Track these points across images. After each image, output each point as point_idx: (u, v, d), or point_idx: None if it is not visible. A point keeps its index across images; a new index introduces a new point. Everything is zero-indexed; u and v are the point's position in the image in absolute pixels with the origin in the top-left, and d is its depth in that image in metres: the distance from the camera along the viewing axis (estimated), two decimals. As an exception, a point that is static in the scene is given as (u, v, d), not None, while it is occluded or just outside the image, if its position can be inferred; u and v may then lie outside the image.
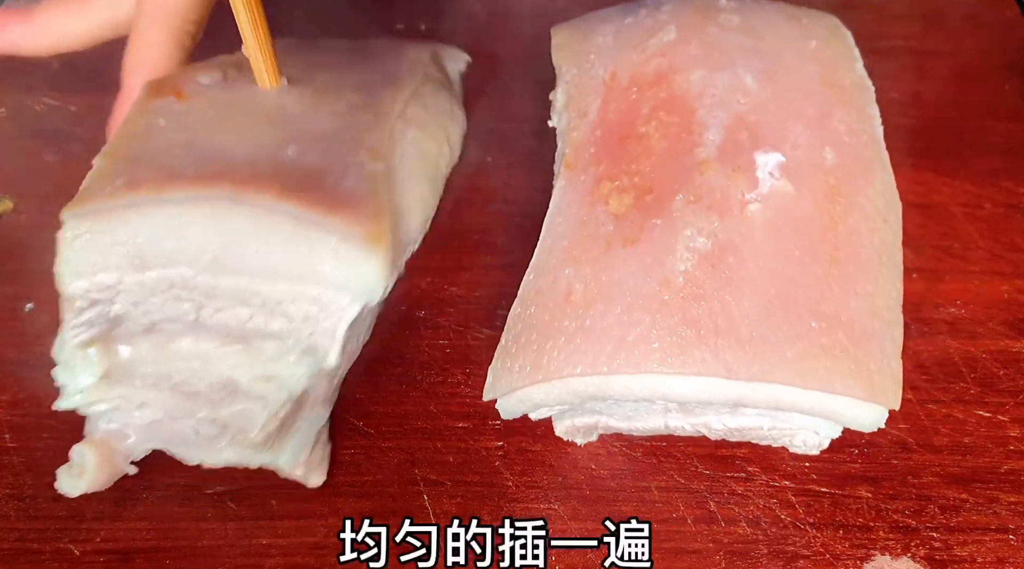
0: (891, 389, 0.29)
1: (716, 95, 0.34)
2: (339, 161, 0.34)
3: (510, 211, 0.44)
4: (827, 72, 0.36)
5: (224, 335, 0.32)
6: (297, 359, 0.32)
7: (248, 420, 0.32)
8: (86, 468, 0.32)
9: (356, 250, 0.31)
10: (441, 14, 0.54)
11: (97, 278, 0.30)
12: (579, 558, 0.33)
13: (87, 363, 0.32)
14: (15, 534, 0.33)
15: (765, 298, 0.29)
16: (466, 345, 0.39)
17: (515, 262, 0.34)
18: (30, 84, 0.49)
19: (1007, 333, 0.39)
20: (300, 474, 0.34)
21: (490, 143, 0.46)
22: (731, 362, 0.28)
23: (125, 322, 0.31)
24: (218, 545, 0.33)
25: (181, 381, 0.32)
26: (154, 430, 0.33)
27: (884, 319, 0.30)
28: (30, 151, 0.45)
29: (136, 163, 0.32)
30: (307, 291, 0.31)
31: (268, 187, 0.31)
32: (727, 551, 0.33)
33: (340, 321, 0.32)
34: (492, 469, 0.35)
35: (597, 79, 0.37)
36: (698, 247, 0.30)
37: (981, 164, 0.46)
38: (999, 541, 0.33)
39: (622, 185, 0.32)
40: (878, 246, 0.32)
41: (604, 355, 0.29)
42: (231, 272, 0.31)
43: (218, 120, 0.34)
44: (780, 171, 0.32)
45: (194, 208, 0.31)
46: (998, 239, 0.42)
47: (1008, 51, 0.52)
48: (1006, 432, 0.36)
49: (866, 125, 0.35)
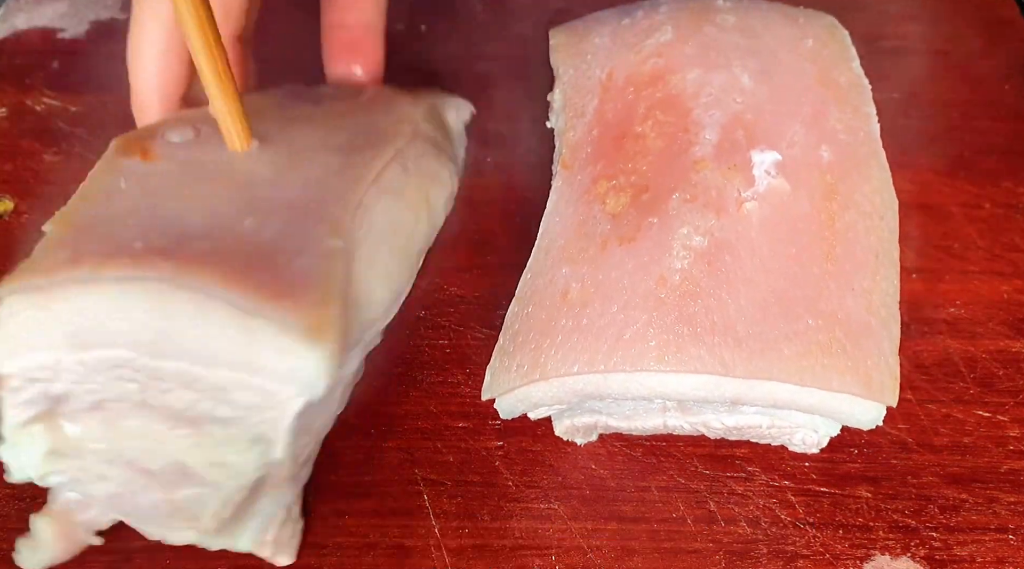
0: (889, 385, 0.29)
1: (712, 94, 0.34)
2: (298, 236, 0.32)
3: (510, 211, 0.44)
4: (823, 71, 0.36)
5: (172, 418, 0.30)
6: (247, 446, 0.30)
7: (200, 505, 0.30)
8: (43, 542, 0.31)
9: (297, 342, 0.29)
10: (441, 14, 0.54)
11: (35, 357, 0.29)
12: (579, 558, 0.33)
13: (31, 440, 0.30)
14: (16, 534, 0.33)
15: (762, 295, 0.29)
16: (466, 345, 0.39)
17: (515, 262, 0.34)
18: (30, 84, 0.49)
19: (1007, 333, 0.39)
20: (267, 554, 0.32)
21: (490, 143, 0.46)
22: (728, 359, 0.28)
23: (69, 399, 0.30)
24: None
25: (134, 458, 0.30)
26: (115, 502, 0.31)
27: (881, 316, 0.30)
28: (30, 151, 0.45)
29: (84, 233, 0.31)
30: (250, 380, 0.29)
31: (210, 271, 0.29)
32: (727, 551, 0.33)
33: (283, 414, 0.30)
34: (492, 469, 0.35)
35: (594, 79, 0.37)
36: (694, 245, 0.30)
37: (981, 164, 0.46)
38: (999, 541, 0.33)
39: (619, 184, 0.32)
40: (874, 243, 0.32)
41: (601, 353, 0.29)
42: (171, 356, 0.29)
43: (179, 186, 0.33)
44: (776, 169, 0.32)
45: (133, 288, 0.29)
46: (998, 239, 0.42)
47: (1008, 51, 0.52)
48: (1006, 432, 0.36)
49: (862, 123, 0.35)
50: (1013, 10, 0.55)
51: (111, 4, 0.53)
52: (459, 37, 0.52)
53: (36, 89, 0.48)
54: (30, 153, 0.45)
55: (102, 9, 0.53)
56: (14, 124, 0.47)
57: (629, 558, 0.33)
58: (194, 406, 0.30)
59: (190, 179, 0.33)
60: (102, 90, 0.48)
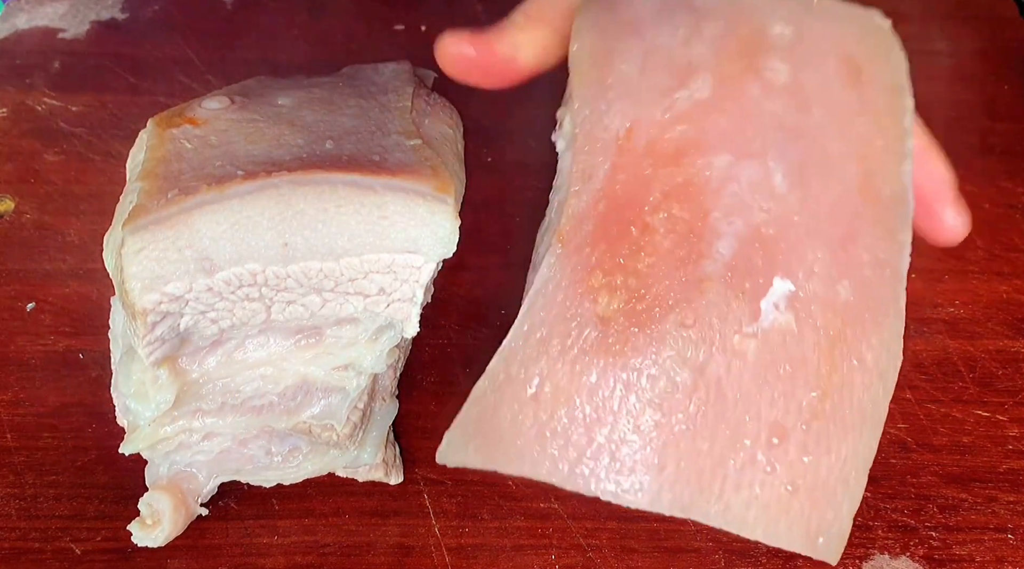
0: (834, 547, 0.29)
1: (737, 195, 0.30)
2: (377, 145, 0.34)
3: (510, 211, 0.44)
4: (868, 175, 0.32)
5: (297, 331, 0.32)
6: (374, 339, 0.33)
7: (331, 415, 0.32)
8: (163, 515, 0.32)
9: (428, 201, 0.32)
10: (441, 14, 0.54)
11: (168, 288, 0.30)
12: (579, 557, 0.33)
13: (157, 387, 0.32)
14: (16, 533, 0.33)
15: (737, 440, 0.28)
16: (466, 345, 0.39)
17: (515, 262, 0.34)
18: (30, 84, 0.49)
19: (1006, 333, 0.39)
20: (381, 474, 0.34)
21: (490, 143, 0.46)
22: (686, 501, 0.28)
23: (193, 337, 0.31)
24: (219, 544, 0.33)
25: (251, 394, 0.32)
26: (223, 461, 0.33)
27: (850, 483, 0.29)
28: (30, 151, 0.45)
29: (179, 177, 0.32)
30: (379, 261, 0.31)
31: (327, 166, 0.32)
32: (727, 550, 0.33)
33: (417, 285, 0.32)
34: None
35: (610, 133, 0.32)
36: (679, 382, 0.29)
37: (980, 164, 0.46)
38: (998, 540, 0.33)
39: (614, 283, 0.30)
40: (866, 405, 0.30)
41: (559, 472, 0.28)
42: (300, 258, 0.31)
43: (245, 133, 0.34)
44: (787, 303, 0.29)
45: (257, 199, 0.31)
46: (997, 239, 0.42)
47: (1008, 51, 0.52)
48: (1005, 432, 0.36)
49: (893, 256, 0.31)
50: (1012, 10, 0.55)
51: (111, 4, 0.53)
52: (459, 37, 0.52)
53: (37, 89, 0.48)
54: (30, 153, 0.45)
55: (102, 9, 0.53)
56: (14, 124, 0.47)
57: (629, 557, 0.33)
58: (320, 311, 0.32)
59: (251, 128, 0.34)
60: (102, 90, 0.48)
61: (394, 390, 0.36)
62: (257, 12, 0.53)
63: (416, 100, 0.39)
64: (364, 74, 0.40)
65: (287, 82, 0.39)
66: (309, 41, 0.52)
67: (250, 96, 0.36)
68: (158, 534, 0.32)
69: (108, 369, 0.34)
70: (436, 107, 0.40)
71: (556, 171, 0.35)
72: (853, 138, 0.32)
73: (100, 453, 0.35)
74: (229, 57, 0.51)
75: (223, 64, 0.50)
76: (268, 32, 0.53)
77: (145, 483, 0.33)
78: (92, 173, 0.44)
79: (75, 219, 0.42)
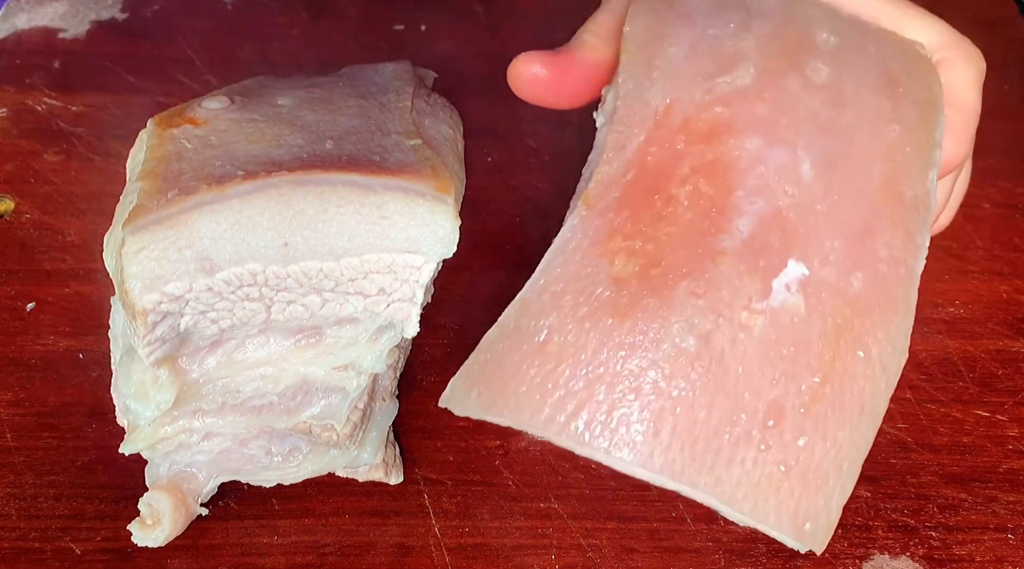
0: (821, 535, 0.29)
1: (764, 176, 0.31)
2: (377, 145, 0.34)
3: (510, 211, 0.44)
4: (893, 177, 0.32)
5: (297, 332, 0.32)
6: (374, 337, 0.33)
7: (331, 415, 0.32)
8: (163, 515, 0.32)
9: (429, 201, 0.32)
10: (441, 14, 0.54)
11: (168, 288, 0.30)
12: (579, 557, 0.33)
13: (157, 387, 0.32)
14: (16, 533, 0.33)
15: (734, 414, 0.28)
16: (466, 345, 0.39)
17: (515, 262, 0.34)
18: (30, 84, 0.49)
19: (1006, 333, 0.39)
20: (382, 474, 0.34)
21: (490, 143, 0.46)
22: (678, 467, 0.28)
23: (192, 337, 0.32)
24: (219, 544, 0.33)
25: (251, 394, 0.32)
26: (222, 461, 0.33)
27: (843, 472, 0.29)
28: (30, 151, 0.45)
29: (179, 177, 0.32)
30: (379, 261, 0.31)
31: (327, 166, 0.32)
32: (727, 550, 0.33)
33: (417, 285, 0.32)
34: (492, 469, 0.35)
35: (649, 108, 0.32)
36: (684, 348, 0.29)
37: (980, 164, 0.46)
38: (998, 540, 0.33)
39: (633, 247, 0.30)
40: (866, 396, 0.30)
41: (556, 422, 0.28)
42: (300, 258, 0.31)
43: (246, 133, 0.34)
44: (799, 286, 0.30)
45: (257, 199, 0.31)
46: (997, 239, 0.43)
47: (1008, 51, 0.52)
48: (1005, 432, 0.36)
49: (909, 256, 0.31)
50: (1012, 10, 0.55)
51: (111, 4, 0.53)
52: (459, 37, 0.52)
53: (37, 89, 0.48)
54: (30, 153, 0.45)
55: (103, 9, 0.53)
56: (14, 124, 0.47)
57: (629, 557, 0.33)
58: (320, 311, 0.32)
59: (251, 128, 0.34)
60: (102, 90, 0.48)
61: (394, 390, 0.36)
62: (257, 12, 0.53)
63: (416, 100, 0.39)
64: (364, 74, 0.40)
65: (287, 82, 0.39)
66: (309, 41, 0.52)
67: (250, 96, 0.36)
68: (158, 534, 0.32)
69: (108, 369, 0.34)
70: (436, 107, 0.41)
71: (592, 147, 0.35)
72: (882, 141, 0.32)
73: (100, 453, 0.35)
74: (229, 57, 0.51)
75: (223, 64, 0.50)
76: (268, 32, 0.53)
77: (145, 483, 0.33)
78: (92, 173, 0.44)
79: (75, 219, 0.42)
